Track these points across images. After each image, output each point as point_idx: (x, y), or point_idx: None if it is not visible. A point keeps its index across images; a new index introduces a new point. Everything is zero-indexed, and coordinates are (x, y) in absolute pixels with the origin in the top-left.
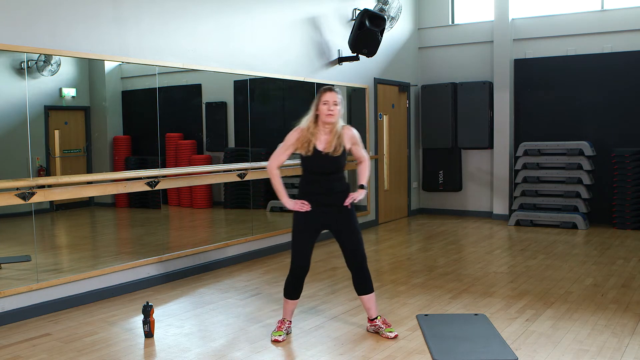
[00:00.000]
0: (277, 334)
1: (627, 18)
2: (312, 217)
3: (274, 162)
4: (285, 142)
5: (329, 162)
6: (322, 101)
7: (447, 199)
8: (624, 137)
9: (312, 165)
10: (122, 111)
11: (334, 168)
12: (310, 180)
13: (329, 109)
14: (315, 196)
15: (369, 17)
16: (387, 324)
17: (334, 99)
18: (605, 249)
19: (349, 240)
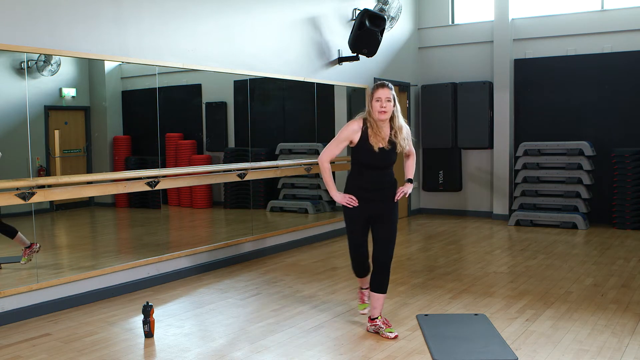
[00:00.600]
0: (363, 307)
1: (627, 18)
2: (358, 211)
3: (326, 155)
4: (340, 135)
5: (384, 157)
6: (375, 98)
7: (447, 199)
8: (624, 137)
9: (367, 160)
10: (122, 111)
11: (388, 163)
12: (361, 174)
13: (382, 106)
14: (364, 191)
15: (369, 17)
16: (388, 324)
17: (387, 95)
18: (605, 249)
19: (383, 234)
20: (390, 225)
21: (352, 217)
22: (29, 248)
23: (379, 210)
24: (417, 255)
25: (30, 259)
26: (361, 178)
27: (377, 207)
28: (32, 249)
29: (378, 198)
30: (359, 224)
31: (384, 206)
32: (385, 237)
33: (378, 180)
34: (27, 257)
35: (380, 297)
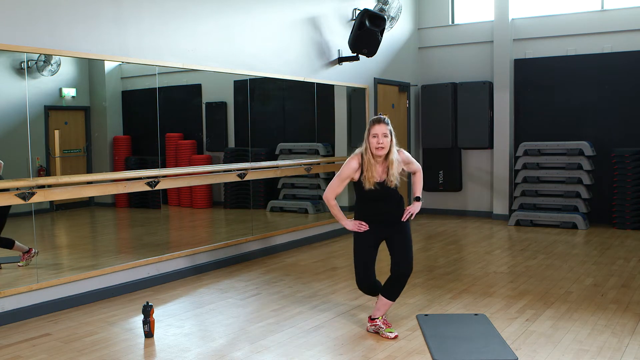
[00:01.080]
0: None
1: (627, 18)
2: (370, 234)
3: (331, 194)
4: (341, 174)
5: (385, 190)
6: (372, 134)
7: (447, 199)
8: (624, 137)
9: (369, 195)
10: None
11: (388, 194)
12: (365, 204)
13: (379, 142)
14: (372, 217)
15: (369, 17)
16: (388, 324)
17: (383, 131)
18: (605, 249)
19: (400, 247)
20: (405, 239)
21: (361, 238)
22: (27, 253)
23: (390, 227)
24: (417, 255)
25: (28, 263)
26: (367, 209)
27: (387, 228)
28: (30, 254)
29: (386, 220)
30: (368, 245)
31: (393, 228)
32: (402, 244)
33: (383, 207)
34: (25, 261)
35: (388, 303)
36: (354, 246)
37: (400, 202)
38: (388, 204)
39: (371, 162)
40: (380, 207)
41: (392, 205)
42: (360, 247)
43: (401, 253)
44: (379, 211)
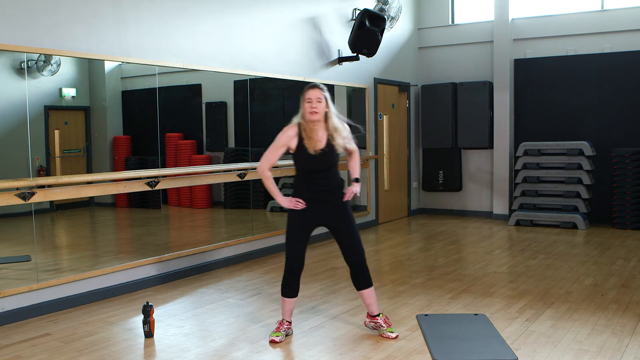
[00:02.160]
0: (275, 334)
1: (627, 18)
2: (307, 214)
3: (266, 163)
4: (277, 142)
5: (325, 159)
6: (306, 99)
7: (447, 199)
8: (624, 137)
9: (308, 164)
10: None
11: (330, 164)
12: (305, 178)
13: (312, 107)
14: (311, 193)
15: (369, 17)
16: (389, 324)
17: (317, 95)
18: (605, 249)
19: (347, 237)
20: (351, 232)
21: (296, 220)
22: None
23: (333, 218)
24: (417, 255)
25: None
26: (306, 183)
27: (328, 215)
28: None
29: (326, 199)
30: (303, 230)
31: (336, 213)
32: (351, 242)
33: (323, 182)
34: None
35: (370, 292)
36: (287, 228)
37: (341, 183)
38: (329, 179)
39: (310, 125)
40: (320, 182)
41: (333, 181)
42: (293, 230)
43: (352, 246)
44: (319, 186)
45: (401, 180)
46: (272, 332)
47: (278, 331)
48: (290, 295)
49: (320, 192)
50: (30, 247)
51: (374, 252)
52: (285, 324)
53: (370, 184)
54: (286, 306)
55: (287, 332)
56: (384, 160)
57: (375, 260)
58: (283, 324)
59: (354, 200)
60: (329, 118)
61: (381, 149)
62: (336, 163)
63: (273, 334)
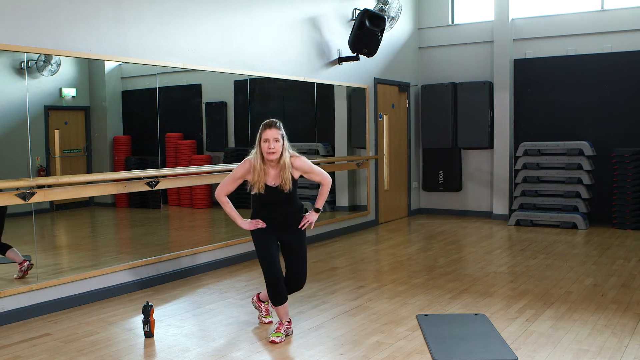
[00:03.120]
0: (275, 335)
1: (627, 18)
2: (268, 231)
3: (222, 191)
4: (234, 174)
5: (278, 194)
6: (263, 139)
7: (447, 199)
8: (624, 137)
9: (264, 198)
10: (122, 111)
11: (284, 198)
12: (262, 208)
13: (269, 147)
14: (267, 220)
15: (369, 17)
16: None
17: (274, 135)
18: (605, 249)
19: (295, 258)
20: (299, 253)
21: (261, 239)
22: (20, 264)
23: (287, 237)
24: (417, 255)
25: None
26: (262, 212)
27: (284, 233)
28: (23, 266)
29: (283, 224)
30: (270, 245)
31: (290, 233)
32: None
33: (278, 211)
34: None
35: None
36: (255, 246)
37: (299, 209)
38: (283, 208)
39: (257, 167)
40: (275, 211)
41: (288, 210)
42: (261, 246)
43: (295, 268)
44: (274, 215)
45: (401, 180)
46: (272, 332)
47: (278, 331)
48: (281, 302)
49: (277, 219)
50: (30, 247)
51: (374, 252)
52: (285, 324)
53: (370, 184)
54: (280, 311)
55: (287, 332)
56: (384, 160)
57: (375, 260)
58: (283, 324)
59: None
60: (282, 156)
61: (381, 149)
62: (292, 196)
63: (273, 334)
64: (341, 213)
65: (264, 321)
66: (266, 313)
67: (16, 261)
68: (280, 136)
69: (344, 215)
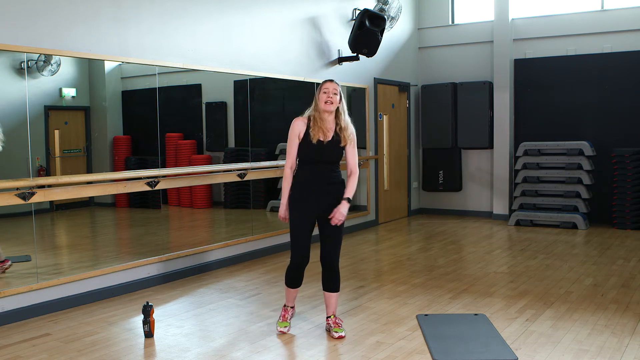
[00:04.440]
0: (283, 325)
1: (627, 18)
2: (307, 208)
3: (289, 163)
4: (291, 135)
5: (325, 150)
6: (322, 90)
7: (447, 199)
8: (624, 137)
9: (313, 154)
10: (122, 111)
11: (334, 157)
12: (308, 170)
13: (328, 97)
14: (311, 185)
15: (369, 17)
16: (338, 324)
17: (335, 88)
18: (605, 249)
19: (330, 235)
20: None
21: (297, 215)
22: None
23: (328, 206)
24: (417, 255)
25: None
26: (306, 174)
27: (325, 203)
28: (4, 265)
29: (325, 192)
30: (305, 224)
31: (332, 202)
32: (332, 230)
33: (323, 175)
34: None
35: (333, 295)
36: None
37: (341, 180)
38: (329, 172)
39: (323, 116)
40: (320, 174)
41: (333, 175)
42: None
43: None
44: (318, 179)
45: (401, 180)
46: (279, 321)
47: (285, 320)
48: (296, 286)
49: (319, 184)
50: (30, 247)
51: (374, 252)
52: (289, 310)
53: (370, 184)
54: (291, 294)
55: (292, 315)
56: (384, 160)
57: (376, 260)
58: (288, 310)
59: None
60: (341, 113)
61: (381, 149)
62: (338, 158)
63: (280, 324)
64: None
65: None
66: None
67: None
68: (339, 92)
69: None
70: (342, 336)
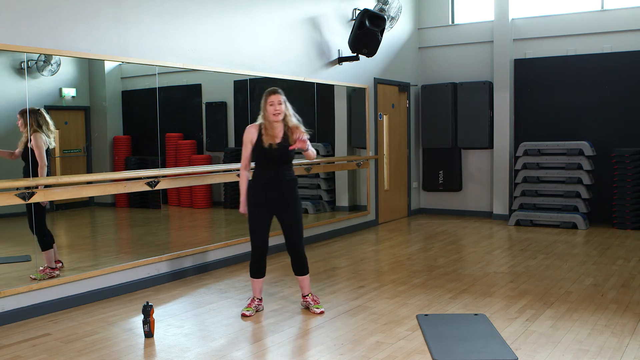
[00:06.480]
0: (247, 309)
1: (627, 18)
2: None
3: (244, 164)
4: (244, 141)
5: (280, 152)
6: (269, 102)
7: (447, 199)
8: (624, 137)
9: (266, 156)
10: (122, 111)
11: (285, 158)
12: (261, 169)
13: (275, 109)
14: (264, 183)
15: (369, 17)
16: (316, 301)
17: (278, 99)
18: (605, 249)
19: (288, 217)
20: (295, 209)
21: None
22: (53, 269)
23: (282, 200)
24: (417, 255)
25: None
26: (261, 172)
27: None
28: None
29: (278, 189)
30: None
31: (285, 197)
32: (291, 220)
33: (275, 174)
34: (43, 275)
35: (305, 278)
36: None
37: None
38: (282, 172)
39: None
40: (273, 173)
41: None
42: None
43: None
44: (271, 177)
45: (401, 180)
46: (245, 307)
47: (250, 307)
48: (259, 276)
49: (273, 183)
50: (30, 247)
51: (374, 252)
52: (256, 300)
53: (370, 184)
54: (256, 286)
55: (258, 308)
56: (384, 160)
57: (375, 260)
58: (254, 300)
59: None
60: (288, 117)
61: (381, 149)
62: (289, 159)
63: (245, 308)
64: (341, 213)
65: (316, 312)
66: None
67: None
68: (283, 101)
69: (344, 215)
70: (322, 312)
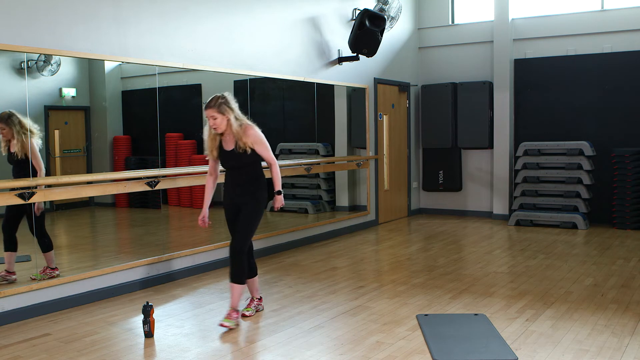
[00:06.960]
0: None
1: (627, 18)
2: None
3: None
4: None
5: (234, 158)
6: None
7: (447, 199)
8: (624, 137)
9: (224, 162)
10: (122, 111)
11: (240, 163)
12: (226, 174)
13: (213, 124)
14: (228, 186)
15: (369, 17)
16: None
17: (211, 114)
18: (605, 249)
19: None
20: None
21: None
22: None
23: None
24: (417, 255)
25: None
26: (226, 177)
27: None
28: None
29: (237, 191)
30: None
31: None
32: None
33: (234, 178)
34: (43, 275)
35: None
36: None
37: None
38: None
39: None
40: (234, 177)
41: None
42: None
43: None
44: (232, 180)
45: (401, 180)
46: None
47: (249, 307)
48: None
49: (234, 186)
50: (30, 247)
51: (374, 252)
52: (255, 300)
53: (370, 184)
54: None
55: (258, 308)
56: (384, 160)
57: (375, 260)
58: (253, 300)
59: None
60: (230, 125)
61: (381, 149)
62: (245, 163)
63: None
64: (341, 213)
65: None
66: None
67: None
68: (217, 113)
69: (344, 215)
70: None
